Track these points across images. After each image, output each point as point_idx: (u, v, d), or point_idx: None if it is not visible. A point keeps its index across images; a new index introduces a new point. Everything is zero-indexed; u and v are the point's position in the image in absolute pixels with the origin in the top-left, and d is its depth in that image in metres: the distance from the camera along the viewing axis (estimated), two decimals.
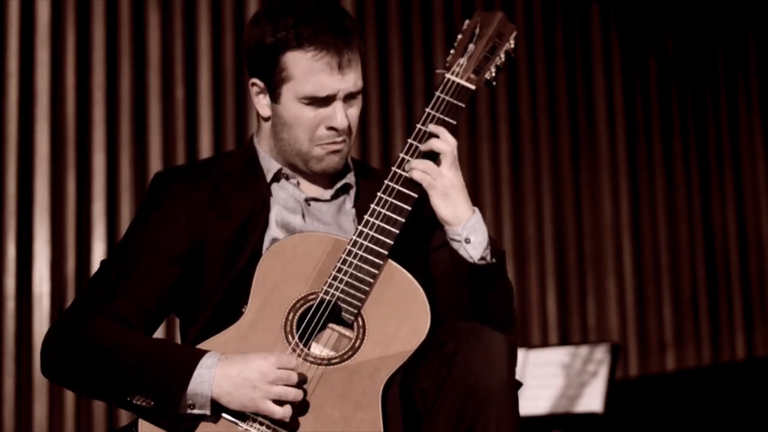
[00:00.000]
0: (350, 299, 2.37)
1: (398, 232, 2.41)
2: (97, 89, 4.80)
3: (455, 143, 2.47)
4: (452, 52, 2.54)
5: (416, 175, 2.44)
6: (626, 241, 5.92)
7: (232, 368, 2.28)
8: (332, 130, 2.50)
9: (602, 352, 4.33)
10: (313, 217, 2.56)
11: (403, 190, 2.45)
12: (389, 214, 2.43)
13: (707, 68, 6.21)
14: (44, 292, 4.61)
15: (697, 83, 6.18)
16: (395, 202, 2.44)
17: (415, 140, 2.47)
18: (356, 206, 2.59)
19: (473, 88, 2.51)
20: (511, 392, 2.29)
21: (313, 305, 2.38)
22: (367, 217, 2.43)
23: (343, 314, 2.38)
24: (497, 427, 2.25)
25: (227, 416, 2.30)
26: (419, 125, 2.48)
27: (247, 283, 2.41)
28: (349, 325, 2.38)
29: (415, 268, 2.44)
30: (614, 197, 5.93)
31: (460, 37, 2.55)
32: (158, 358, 2.33)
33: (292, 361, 2.30)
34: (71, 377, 2.41)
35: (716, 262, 6.11)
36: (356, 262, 2.39)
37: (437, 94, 2.50)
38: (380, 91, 5.41)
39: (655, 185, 6.03)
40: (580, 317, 5.77)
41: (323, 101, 2.48)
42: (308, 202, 2.57)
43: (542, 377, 4.39)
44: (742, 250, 6.16)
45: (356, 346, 2.35)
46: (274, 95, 2.52)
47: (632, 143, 6.00)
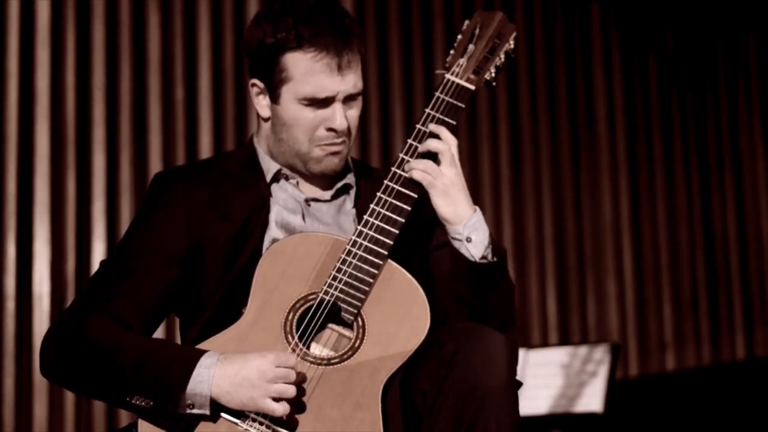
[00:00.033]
0: (350, 299, 2.37)
1: (398, 232, 2.41)
2: (97, 89, 4.80)
3: (455, 142, 2.47)
4: (452, 52, 2.54)
5: (416, 174, 2.44)
6: (626, 241, 5.92)
7: (231, 367, 2.28)
8: (331, 131, 2.49)
9: (602, 352, 4.33)
10: (313, 217, 2.56)
11: (402, 190, 2.45)
12: (389, 214, 2.43)
13: (707, 68, 6.21)
14: (44, 292, 4.61)
15: (697, 83, 6.18)
16: (395, 202, 2.44)
17: (414, 140, 2.47)
18: (356, 206, 2.59)
19: (473, 88, 2.51)
20: (511, 392, 2.29)
21: (312, 305, 2.38)
22: (366, 217, 2.43)
23: (342, 314, 2.38)
24: (497, 427, 2.25)
25: (227, 416, 2.30)
26: (419, 125, 2.48)
27: (247, 283, 2.41)
28: (348, 325, 2.38)
29: (415, 268, 2.44)
30: (614, 197, 5.92)
31: (459, 37, 2.55)
32: (157, 358, 2.32)
33: (291, 359, 2.29)
34: (70, 377, 2.41)
35: (716, 262, 6.11)
36: (356, 262, 2.39)
37: (437, 94, 2.50)
38: (380, 91, 5.41)
39: (655, 185, 6.02)
40: (580, 317, 5.76)
41: (322, 102, 2.48)
42: (308, 202, 2.57)
43: (542, 377, 4.39)
44: (742, 250, 6.16)
45: (356, 346, 2.35)
46: (273, 96, 2.51)
47: (632, 143, 6.00)
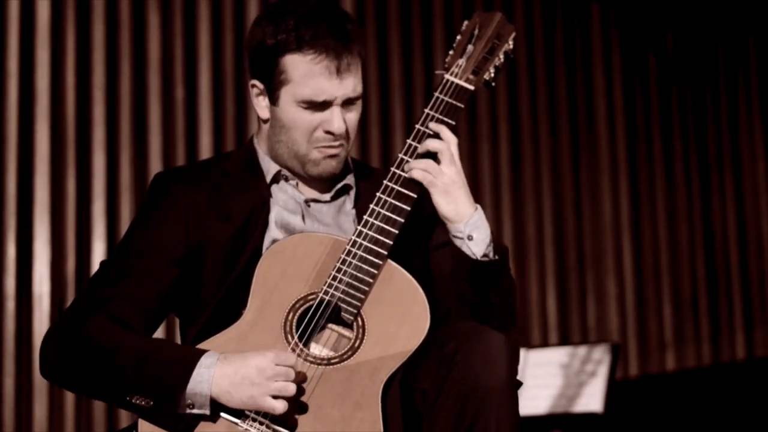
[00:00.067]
0: (350, 299, 2.37)
1: (397, 232, 2.41)
2: (97, 89, 4.80)
3: (454, 140, 2.46)
4: (451, 53, 2.54)
5: (416, 174, 2.44)
6: (626, 241, 5.92)
7: (230, 367, 2.28)
8: (329, 133, 2.49)
9: (602, 352, 4.33)
10: (312, 218, 2.56)
11: (402, 190, 2.45)
12: (388, 214, 2.43)
13: (707, 68, 6.21)
14: (44, 292, 4.61)
15: (697, 83, 6.18)
16: (394, 202, 2.44)
17: (414, 141, 2.47)
18: (356, 207, 2.58)
19: (472, 88, 2.51)
20: (511, 392, 2.29)
21: (312, 305, 2.38)
22: (366, 217, 2.43)
23: (342, 314, 2.38)
24: (497, 427, 2.25)
25: (226, 415, 2.30)
26: (418, 125, 2.48)
27: (247, 283, 2.41)
28: (348, 325, 2.38)
29: (415, 268, 2.44)
30: (614, 197, 5.92)
31: (459, 38, 2.55)
32: (157, 357, 2.32)
33: (290, 357, 2.29)
34: (70, 377, 2.41)
35: (716, 262, 6.11)
36: (355, 262, 2.39)
37: (436, 94, 2.50)
38: (380, 91, 5.41)
39: (655, 185, 6.02)
40: (580, 317, 5.76)
41: (321, 105, 2.47)
42: (308, 203, 2.57)
43: (542, 377, 4.39)
44: (742, 250, 6.15)
45: (356, 346, 2.35)
46: (272, 97, 2.51)
47: (632, 143, 6.00)
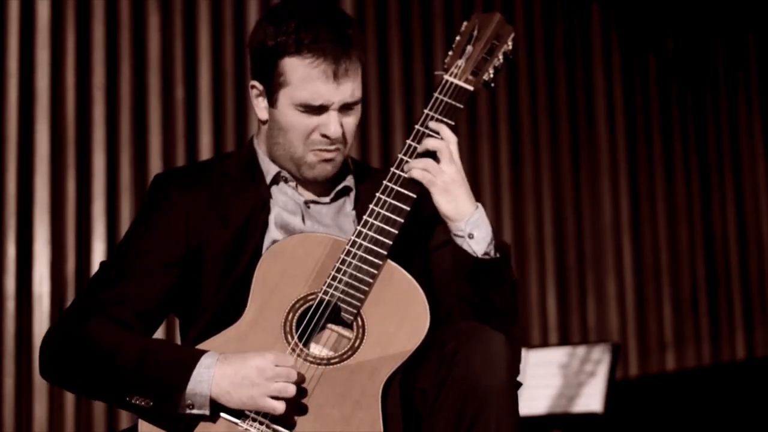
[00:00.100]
0: (349, 299, 2.37)
1: (397, 232, 2.41)
2: (97, 89, 4.80)
3: (454, 139, 2.46)
4: (450, 53, 2.54)
5: (416, 173, 2.44)
6: (626, 241, 5.92)
7: (230, 367, 2.28)
8: (326, 137, 2.49)
9: (602, 352, 4.33)
10: (313, 219, 2.55)
11: (401, 190, 2.45)
12: (388, 214, 2.43)
13: (707, 68, 6.21)
14: (44, 292, 4.61)
15: (697, 83, 6.18)
16: (394, 202, 2.44)
17: (413, 141, 2.47)
18: (356, 208, 2.58)
19: (471, 89, 2.51)
20: (511, 392, 2.29)
21: (312, 305, 2.38)
22: (365, 217, 2.42)
23: (342, 314, 2.38)
24: (497, 427, 2.25)
25: (226, 416, 2.31)
26: (418, 126, 2.48)
27: (247, 284, 2.41)
28: (348, 325, 2.38)
29: (415, 268, 2.44)
30: (614, 197, 5.92)
31: (458, 38, 2.55)
32: (157, 358, 2.32)
33: (289, 360, 2.30)
34: (70, 378, 2.41)
35: (716, 262, 6.11)
36: (355, 262, 2.39)
37: (435, 95, 2.50)
38: (380, 91, 5.41)
39: (655, 185, 6.02)
40: (580, 317, 5.76)
41: (317, 109, 2.47)
42: (307, 204, 2.57)
43: (542, 377, 4.39)
44: (742, 250, 6.15)
45: (356, 346, 2.35)
46: (271, 99, 2.51)
47: (632, 143, 6.00)
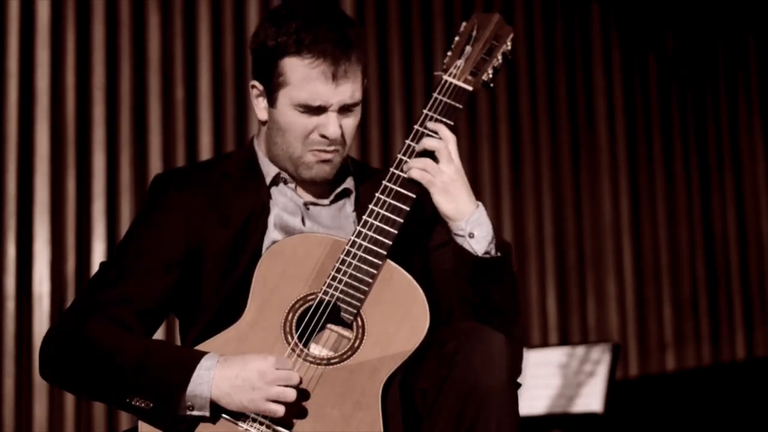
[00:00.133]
0: (349, 299, 2.37)
1: (396, 232, 2.41)
2: (97, 89, 4.80)
3: (453, 138, 2.46)
4: (449, 54, 2.54)
5: (415, 173, 2.44)
6: (626, 241, 5.92)
7: (230, 369, 2.28)
8: (324, 137, 2.49)
9: (602, 352, 4.33)
10: (313, 220, 2.55)
11: (401, 190, 2.44)
12: (387, 214, 2.43)
13: (707, 68, 6.21)
14: (44, 292, 4.61)
15: (697, 83, 6.18)
16: (393, 202, 2.44)
17: (413, 141, 2.47)
18: (356, 210, 2.58)
19: (470, 89, 2.51)
20: (511, 392, 2.29)
21: (312, 305, 2.38)
22: (365, 217, 2.42)
23: (342, 314, 2.38)
24: (497, 427, 2.25)
25: (227, 417, 2.31)
26: (417, 126, 2.48)
27: (247, 284, 2.41)
28: (348, 325, 2.38)
29: (414, 268, 2.44)
30: (614, 197, 5.92)
31: (457, 39, 2.55)
32: (157, 359, 2.33)
33: (289, 363, 2.30)
34: (70, 379, 2.41)
35: (716, 262, 6.10)
36: (355, 262, 2.39)
37: (434, 95, 2.50)
38: (380, 91, 5.41)
39: (655, 185, 6.02)
40: (580, 317, 5.76)
41: (316, 110, 2.47)
42: (307, 206, 2.57)
43: (542, 377, 4.39)
44: (742, 250, 6.15)
45: (355, 346, 2.35)
46: (271, 99, 2.51)
47: (632, 143, 5.99)
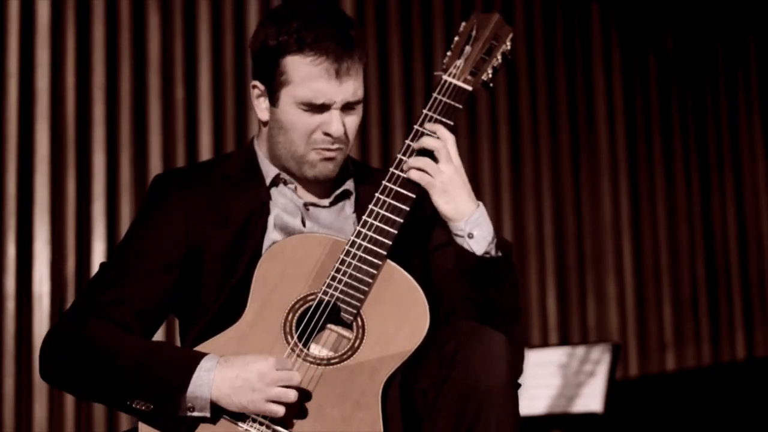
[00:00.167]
0: (349, 299, 2.37)
1: (396, 232, 2.41)
2: (97, 89, 4.80)
3: (452, 138, 2.45)
4: (449, 53, 2.54)
5: (414, 175, 2.44)
6: (626, 241, 5.92)
7: (231, 370, 2.28)
8: (328, 135, 2.49)
9: (602, 352, 4.33)
10: (313, 221, 2.55)
11: (400, 190, 2.44)
12: (387, 214, 2.42)
13: (707, 68, 6.21)
14: (44, 292, 4.61)
15: (697, 83, 6.18)
16: (393, 202, 2.43)
17: (412, 141, 2.47)
18: (356, 211, 2.58)
19: (470, 89, 2.51)
20: (511, 392, 2.29)
21: (312, 306, 2.38)
22: (365, 217, 2.42)
23: (342, 314, 2.38)
24: (497, 427, 2.25)
25: (227, 418, 2.31)
26: (416, 126, 2.48)
27: (247, 285, 2.41)
28: (348, 325, 2.38)
29: (415, 268, 2.44)
30: (614, 197, 5.92)
31: (456, 38, 2.55)
32: (157, 360, 2.33)
33: (289, 364, 2.30)
34: (70, 380, 2.41)
35: (716, 262, 6.11)
36: (355, 262, 2.39)
37: (434, 95, 2.50)
38: (380, 91, 5.41)
39: (655, 185, 6.02)
40: (580, 317, 5.76)
41: (320, 108, 2.47)
42: (307, 207, 2.57)
43: (542, 377, 4.39)
44: (742, 250, 6.15)
45: (355, 346, 2.35)
46: (273, 99, 2.51)
47: (632, 143, 6.00)
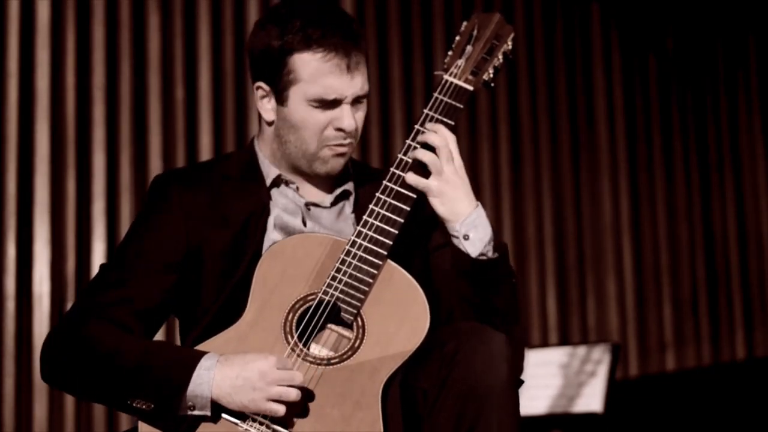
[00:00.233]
0: (349, 299, 2.37)
1: (397, 232, 2.41)
2: (97, 89, 4.80)
3: (452, 138, 2.46)
4: (450, 53, 2.54)
5: (410, 179, 2.44)
6: (626, 241, 5.92)
7: (231, 369, 2.28)
8: (340, 131, 2.49)
9: (602, 352, 4.33)
10: (314, 221, 2.55)
11: (401, 190, 2.44)
12: (388, 214, 2.42)
13: (707, 68, 6.21)
14: (44, 292, 4.61)
15: (697, 83, 6.18)
16: (394, 202, 2.43)
17: (413, 141, 2.47)
18: (355, 211, 2.58)
19: (471, 89, 2.51)
20: (512, 392, 2.29)
21: (312, 305, 2.38)
22: (365, 217, 2.42)
23: (342, 314, 2.38)
24: (498, 427, 2.25)
25: (227, 417, 2.31)
26: (417, 126, 2.48)
27: (247, 285, 2.41)
28: (348, 325, 2.38)
29: (415, 268, 2.44)
30: (614, 197, 5.92)
31: (457, 38, 2.55)
32: (157, 360, 2.33)
33: (289, 363, 2.30)
34: (71, 382, 2.41)
35: (716, 262, 6.10)
36: (355, 262, 2.39)
37: (435, 95, 2.50)
38: (380, 91, 5.41)
39: (655, 185, 6.02)
40: (580, 317, 5.76)
41: (331, 104, 2.47)
42: (308, 207, 2.57)
43: (542, 377, 4.39)
44: (742, 250, 6.15)
45: (356, 346, 2.35)
46: (280, 98, 2.50)
47: (632, 143, 6.00)
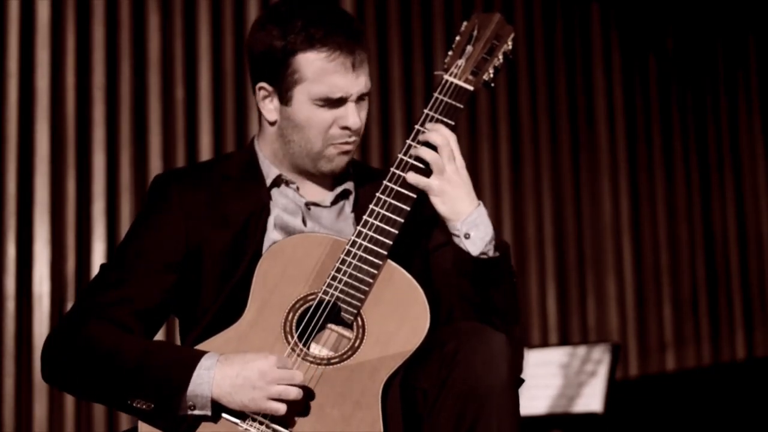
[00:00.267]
0: (349, 299, 2.37)
1: (397, 232, 2.41)
2: (97, 89, 4.80)
3: (453, 137, 2.45)
4: (450, 53, 2.54)
5: (411, 178, 2.44)
6: (626, 241, 5.92)
7: (231, 369, 2.28)
8: (345, 129, 2.49)
9: (602, 352, 4.33)
10: (314, 221, 2.55)
11: (401, 190, 2.44)
12: (388, 214, 2.42)
13: (707, 68, 6.21)
14: (44, 292, 4.61)
15: (697, 83, 6.18)
16: (394, 202, 2.43)
17: (413, 141, 2.47)
18: (355, 211, 2.58)
19: (471, 89, 2.51)
20: (512, 392, 2.29)
21: (312, 305, 2.38)
22: (365, 217, 2.42)
23: (342, 314, 2.38)
24: (498, 427, 2.25)
25: (227, 416, 2.31)
26: (417, 126, 2.48)
27: (247, 284, 2.41)
28: (348, 325, 2.38)
29: (415, 268, 2.44)
30: (614, 197, 5.92)
31: (458, 38, 2.55)
32: (157, 360, 2.33)
33: (289, 363, 2.30)
34: (71, 382, 2.41)
35: (716, 262, 6.11)
36: (355, 262, 2.39)
37: (435, 95, 2.50)
38: (380, 91, 5.41)
39: (655, 185, 6.02)
40: (580, 317, 5.76)
41: (336, 102, 2.47)
42: (308, 206, 2.57)
43: (542, 377, 4.39)
44: (742, 250, 6.15)
45: (356, 345, 2.35)
46: (284, 98, 2.49)
47: (632, 143, 6.00)
